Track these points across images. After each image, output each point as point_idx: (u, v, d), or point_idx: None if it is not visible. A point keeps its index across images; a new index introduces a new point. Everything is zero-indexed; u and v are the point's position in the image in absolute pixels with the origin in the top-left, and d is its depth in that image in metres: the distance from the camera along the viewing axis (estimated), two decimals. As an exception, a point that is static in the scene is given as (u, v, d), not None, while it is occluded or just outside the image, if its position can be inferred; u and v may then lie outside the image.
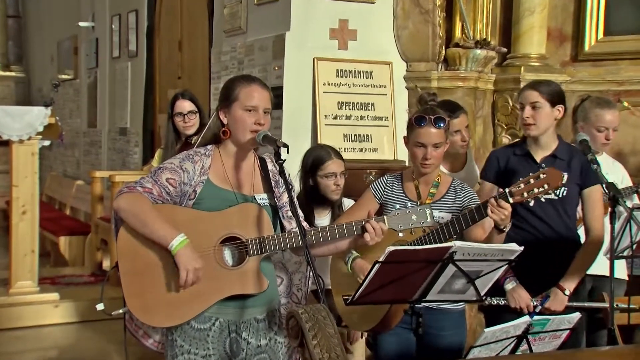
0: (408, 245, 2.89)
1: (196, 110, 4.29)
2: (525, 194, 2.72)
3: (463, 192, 3.04)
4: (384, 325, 2.94)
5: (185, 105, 4.28)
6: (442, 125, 2.97)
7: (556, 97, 3.21)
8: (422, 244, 2.87)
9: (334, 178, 3.62)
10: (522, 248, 2.52)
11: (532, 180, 2.71)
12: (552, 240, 3.18)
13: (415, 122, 2.98)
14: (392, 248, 2.38)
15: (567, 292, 3.12)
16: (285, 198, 2.71)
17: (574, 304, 3.13)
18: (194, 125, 4.27)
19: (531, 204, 2.80)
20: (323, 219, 3.68)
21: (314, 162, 3.65)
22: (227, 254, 2.60)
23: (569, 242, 3.19)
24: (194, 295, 2.53)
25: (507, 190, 2.75)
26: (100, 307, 2.72)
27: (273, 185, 2.71)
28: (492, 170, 3.36)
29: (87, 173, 7.80)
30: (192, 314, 2.55)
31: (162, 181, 2.57)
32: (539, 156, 3.24)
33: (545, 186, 2.70)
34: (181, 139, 4.30)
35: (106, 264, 6.66)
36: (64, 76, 10.59)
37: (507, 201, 2.72)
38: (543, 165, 3.15)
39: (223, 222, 2.57)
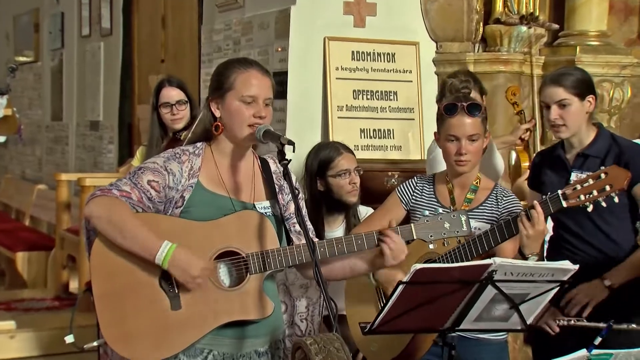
0: (438, 260, 2.92)
1: (186, 99, 4.33)
2: (583, 197, 2.75)
3: (505, 200, 3.08)
4: (408, 356, 2.97)
5: (173, 94, 4.33)
6: (477, 113, 3.01)
7: (584, 88, 3.22)
8: (454, 259, 2.91)
9: (348, 176, 3.66)
10: (576, 267, 2.55)
11: (590, 181, 2.75)
12: (596, 258, 3.20)
13: (445, 112, 3.03)
14: (419, 266, 2.40)
15: (607, 282, 3.12)
16: (292, 207, 2.74)
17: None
18: (184, 118, 4.31)
19: (589, 209, 2.83)
20: (335, 230, 3.71)
21: (321, 162, 3.69)
22: (223, 272, 2.61)
23: (617, 256, 3.19)
24: (185, 323, 2.54)
25: (560, 192, 2.78)
26: (69, 339, 2.72)
27: (277, 190, 2.73)
28: (533, 177, 3.44)
29: (51, 175, 7.85)
30: (181, 346, 2.56)
31: (143, 184, 2.58)
32: (571, 157, 3.27)
33: (607, 188, 2.74)
34: (168, 135, 4.35)
35: (73, 286, 6.68)
36: (22, 58, 10.64)
37: (560, 205, 2.77)
38: (572, 169, 3.19)
39: (218, 234, 2.59)
